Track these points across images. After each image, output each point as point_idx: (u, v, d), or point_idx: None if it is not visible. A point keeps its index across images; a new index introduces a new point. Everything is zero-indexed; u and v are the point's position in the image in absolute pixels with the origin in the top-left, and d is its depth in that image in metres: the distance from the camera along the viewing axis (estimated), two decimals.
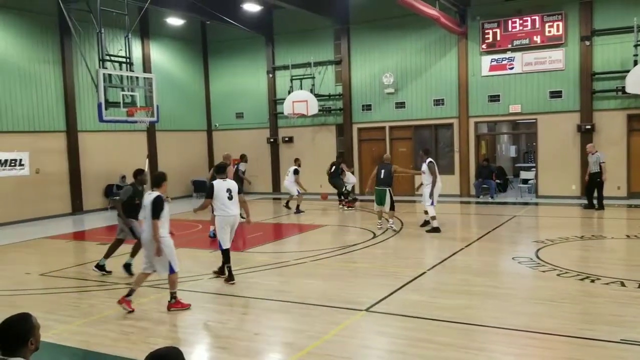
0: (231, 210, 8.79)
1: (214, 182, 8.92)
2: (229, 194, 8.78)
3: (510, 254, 10.56)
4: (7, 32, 16.84)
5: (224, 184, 8.87)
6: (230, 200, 8.77)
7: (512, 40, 18.58)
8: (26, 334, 3.14)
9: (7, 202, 16.50)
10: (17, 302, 8.38)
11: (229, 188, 8.86)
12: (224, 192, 8.76)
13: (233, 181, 9.09)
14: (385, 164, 13.77)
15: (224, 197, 8.74)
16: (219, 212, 8.77)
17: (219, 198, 8.74)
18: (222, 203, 8.74)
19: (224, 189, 8.81)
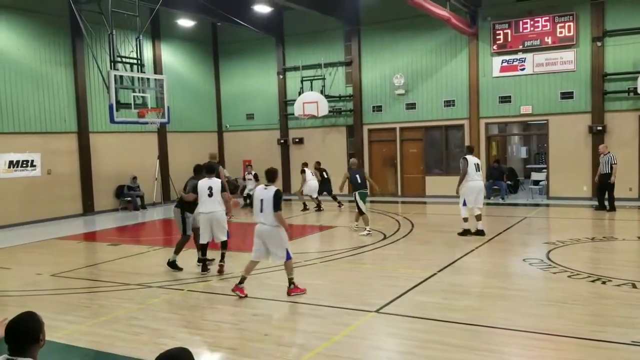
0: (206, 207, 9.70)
1: (200, 181, 9.87)
2: (209, 191, 9.69)
3: (521, 255, 10.49)
4: (20, 34, 16.99)
5: (208, 182, 9.78)
6: (210, 198, 9.67)
7: (523, 41, 18.48)
8: (36, 332, 3.16)
9: (19, 203, 16.64)
10: (28, 302, 8.43)
11: (210, 186, 9.73)
12: (205, 190, 9.69)
13: (217, 180, 9.89)
14: (356, 170, 13.76)
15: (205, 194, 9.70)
16: (201, 209, 9.76)
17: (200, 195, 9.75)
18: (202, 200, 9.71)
19: (206, 187, 9.71)
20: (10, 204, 16.42)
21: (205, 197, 9.62)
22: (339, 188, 14.40)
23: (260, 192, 8.12)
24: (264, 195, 8.04)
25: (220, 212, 9.68)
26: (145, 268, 10.68)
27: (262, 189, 8.19)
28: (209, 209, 9.61)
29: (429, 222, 15.71)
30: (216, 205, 9.66)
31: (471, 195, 12.22)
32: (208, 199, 9.62)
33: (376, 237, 12.73)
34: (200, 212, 9.70)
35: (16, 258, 12.14)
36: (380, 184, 21.45)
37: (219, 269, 9.79)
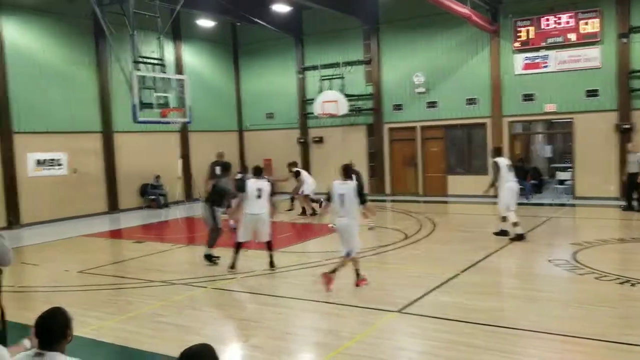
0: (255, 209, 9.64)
1: (248, 181, 9.82)
2: (258, 192, 9.63)
3: (546, 256, 10.37)
4: (45, 36, 17.26)
5: (257, 183, 9.75)
6: (258, 200, 9.63)
7: (546, 38, 18.24)
8: (64, 327, 3.23)
9: (46, 201, 16.91)
10: (56, 298, 8.58)
11: (259, 188, 9.72)
12: (254, 191, 9.66)
13: (265, 182, 9.86)
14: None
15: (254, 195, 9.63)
16: (248, 209, 9.67)
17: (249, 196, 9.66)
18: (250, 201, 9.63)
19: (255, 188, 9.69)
20: (38, 202, 16.70)
21: (254, 198, 9.61)
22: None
23: (340, 188, 8.34)
24: (344, 191, 8.28)
25: (266, 214, 9.70)
26: (169, 265, 10.80)
27: (339, 184, 8.39)
28: (256, 210, 9.60)
29: (451, 222, 15.60)
30: (263, 207, 9.67)
31: (512, 198, 11.93)
32: (256, 201, 9.61)
33: (398, 237, 12.69)
34: (248, 212, 9.64)
35: (44, 255, 12.35)
36: (401, 183, 21.47)
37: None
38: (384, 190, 21.41)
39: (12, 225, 15.89)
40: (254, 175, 9.97)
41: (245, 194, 9.68)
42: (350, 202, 8.24)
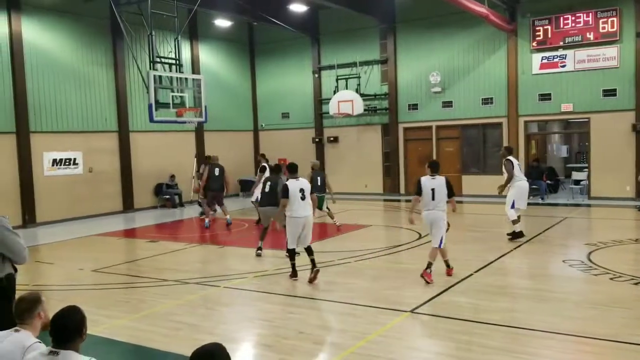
0: (301, 211, 8.86)
1: (288, 182, 8.95)
2: (301, 194, 8.87)
3: (560, 256, 10.27)
4: (64, 36, 17.45)
5: (297, 184, 8.95)
6: (302, 201, 8.88)
7: (564, 37, 18.06)
8: (79, 326, 3.26)
9: (62, 200, 17.10)
10: (70, 297, 8.66)
11: (302, 188, 8.94)
12: (297, 192, 8.85)
13: (306, 181, 9.20)
14: (318, 172, 13.81)
15: (297, 197, 8.83)
16: (292, 213, 8.84)
17: (292, 198, 8.81)
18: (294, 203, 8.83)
19: (298, 189, 8.88)
20: (54, 201, 16.89)
21: (298, 200, 8.84)
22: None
23: (430, 183, 8.80)
24: (435, 185, 8.79)
25: (311, 216, 9.10)
26: (182, 264, 10.86)
27: (430, 179, 8.84)
28: (303, 212, 8.89)
29: (465, 222, 15.48)
30: (309, 209, 9.02)
31: (521, 196, 11.78)
32: (301, 202, 8.86)
33: (412, 237, 12.64)
34: (294, 216, 8.84)
35: (59, 253, 12.49)
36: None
37: (313, 276, 8.89)
38: (399, 190, 21.34)
39: (28, 224, 16.10)
40: (290, 173, 9.14)
41: (289, 196, 8.82)
42: (441, 195, 8.77)
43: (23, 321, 3.58)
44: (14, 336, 3.44)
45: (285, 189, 8.85)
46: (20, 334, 3.46)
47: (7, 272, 4.65)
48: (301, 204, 8.83)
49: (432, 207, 8.78)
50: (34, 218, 16.41)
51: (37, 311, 3.63)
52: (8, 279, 4.64)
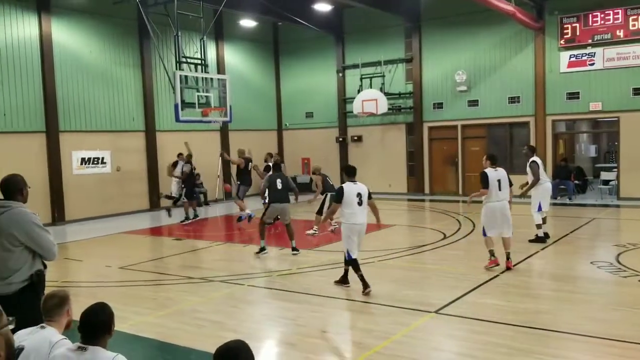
0: (359, 218, 8.20)
1: (344, 185, 8.28)
2: (359, 199, 8.17)
3: (588, 257, 10.10)
4: (92, 37, 17.74)
5: (355, 188, 8.25)
6: (360, 207, 8.18)
7: (593, 35, 17.74)
8: (107, 322, 3.33)
9: (90, 198, 17.40)
10: (97, 293, 8.81)
11: (359, 193, 8.22)
12: (354, 197, 8.15)
13: (364, 185, 8.44)
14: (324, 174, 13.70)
15: (354, 202, 8.14)
16: (347, 219, 8.18)
17: (348, 203, 8.13)
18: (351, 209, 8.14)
19: (355, 193, 8.19)
20: (83, 199, 17.20)
21: (355, 205, 8.13)
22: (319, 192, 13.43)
23: (495, 174, 9.27)
24: (500, 176, 9.27)
25: (366, 223, 8.37)
26: (207, 262, 10.97)
27: (493, 171, 9.31)
28: (359, 219, 8.18)
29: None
30: (365, 215, 8.31)
31: (546, 198, 11.57)
32: (359, 208, 8.17)
33: (436, 237, 12.56)
34: (349, 222, 8.14)
35: (87, 251, 12.71)
36: (440, 182, 21.24)
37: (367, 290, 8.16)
38: (423, 189, 21.21)
39: (57, 222, 16.42)
40: (347, 176, 8.40)
41: (342, 201, 8.15)
42: (506, 186, 9.24)
43: (51, 318, 3.61)
44: (41, 333, 3.48)
45: (340, 193, 8.15)
46: (47, 331, 3.50)
47: (37, 269, 4.74)
48: (358, 210, 8.12)
49: (501, 197, 9.17)
50: (63, 216, 16.73)
51: (66, 308, 3.67)
52: (38, 275, 4.74)
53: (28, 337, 3.44)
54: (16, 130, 15.80)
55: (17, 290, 4.56)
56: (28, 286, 4.65)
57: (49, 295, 3.73)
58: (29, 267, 4.68)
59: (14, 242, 4.61)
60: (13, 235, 4.59)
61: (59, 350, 3.31)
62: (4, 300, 4.22)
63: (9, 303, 4.00)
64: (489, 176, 9.22)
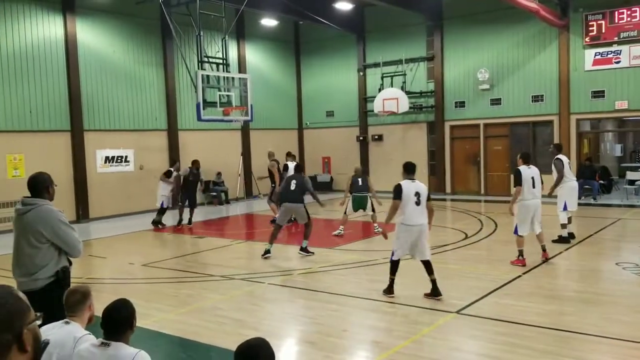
0: (415, 219, 7.74)
1: (402, 182, 7.82)
2: (417, 198, 7.73)
3: (613, 259, 9.94)
4: (115, 37, 17.97)
5: (413, 186, 7.81)
6: (418, 207, 7.74)
7: (619, 32, 17.45)
8: (129, 319, 3.37)
9: (113, 196, 17.63)
10: (121, 290, 8.93)
11: (417, 192, 7.78)
12: (411, 196, 7.70)
13: (423, 184, 8.02)
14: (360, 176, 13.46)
15: (411, 201, 7.69)
16: (403, 218, 7.75)
17: (405, 202, 7.69)
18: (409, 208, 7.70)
19: (413, 192, 7.74)
20: (106, 197, 17.44)
21: (412, 205, 7.67)
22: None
23: (529, 172, 9.47)
24: (533, 174, 9.49)
25: (427, 224, 7.91)
26: (228, 260, 11.03)
27: (527, 169, 9.49)
28: (417, 219, 7.71)
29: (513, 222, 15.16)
30: (424, 216, 7.82)
31: (572, 197, 11.41)
32: (416, 208, 7.70)
33: (457, 237, 12.47)
34: (405, 223, 7.75)
35: (111, 248, 12.88)
36: (462, 182, 21.09)
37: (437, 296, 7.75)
38: (444, 189, 21.08)
39: (81, 219, 16.67)
40: (406, 173, 7.96)
41: (401, 198, 7.69)
42: (539, 183, 9.47)
43: (74, 313, 3.66)
44: (65, 328, 3.54)
45: (399, 190, 7.72)
46: (71, 326, 3.56)
47: (62, 265, 4.83)
48: (415, 210, 7.67)
49: (535, 195, 9.40)
50: (87, 213, 16.98)
51: (88, 303, 3.72)
52: (64, 272, 4.82)
53: (52, 331, 3.49)
54: (42, 129, 16.08)
55: (43, 287, 4.64)
56: (54, 282, 4.74)
57: (71, 291, 3.78)
58: (55, 264, 4.77)
59: (41, 239, 4.69)
60: (39, 232, 4.68)
61: (83, 346, 3.37)
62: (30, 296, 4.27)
63: (35, 299, 4.06)
64: (523, 174, 9.34)
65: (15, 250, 4.83)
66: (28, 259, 4.72)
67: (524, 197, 9.37)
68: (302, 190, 11.14)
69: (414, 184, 7.81)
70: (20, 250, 4.76)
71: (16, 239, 4.83)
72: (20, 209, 4.77)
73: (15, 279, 4.80)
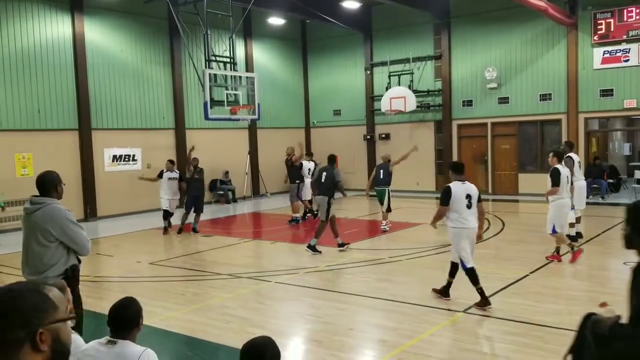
0: (469, 222, 7.34)
1: (451, 185, 7.43)
2: (468, 200, 7.32)
3: (621, 258, 9.85)
4: (123, 36, 18.03)
5: (463, 188, 7.37)
6: (469, 210, 7.34)
7: (628, 31, 17.32)
8: (136, 317, 3.38)
9: (121, 195, 17.69)
10: (128, 288, 8.96)
11: (468, 194, 7.35)
12: (462, 198, 7.32)
13: (473, 185, 7.60)
14: (382, 164, 13.58)
15: (462, 204, 7.29)
16: (454, 223, 7.35)
17: (456, 205, 7.28)
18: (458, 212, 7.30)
19: (464, 194, 7.33)
20: (114, 195, 17.50)
21: (464, 208, 7.25)
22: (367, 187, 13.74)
23: (565, 171, 9.67)
24: (568, 173, 9.78)
25: (477, 229, 7.48)
26: (235, 259, 11.05)
27: (562, 168, 9.65)
28: (468, 223, 7.30)
29: (521, 221, 15.13)
30: (475, 219, 7.41)
31: (580, 196, 11.35)
32: (467, 212, 7.28)
33: None
34: (457, 227, 7.31)
35: (119, 246, 12.93)
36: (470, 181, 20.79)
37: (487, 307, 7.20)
38: None
39: (89, 218, 16.74)
40: (455, 174, 7.55)
41: (449, 203, 7.32)
42: (567, 183, 9.68)
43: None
44: None
45: (447, 194, 7.28)
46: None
47: (71, 263, 4.85)
48: (467, 213, 7.28)
49: (565, 195, 9.64)
50: (95, 212, 17.06)
51: (67, 297, 3.60)
52: (73, 270, 4.85)
53: None
54: (50, 128, 16.16)
55: None
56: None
57: None
58: (64, 262, 4.79)
59: (49, 238, 4.72)
60: (48, 230, 4.70)
61: (89, 344, 3.37)
62: None
63: None
64: (561, 173, 9.48)
65: (25, 248, 4.86)
66: (37, 258, 4.75)
67: (561, 195, 9.55)
68: (331, 182, 11.18)
69: (464, 186, 7.37)
70: (29, 248, 4.79)
71: (25, 237, 4.85)
72: (29, 208, 4.79)
73: (24, 277, 4.83)
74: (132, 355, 3.23)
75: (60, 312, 1.62)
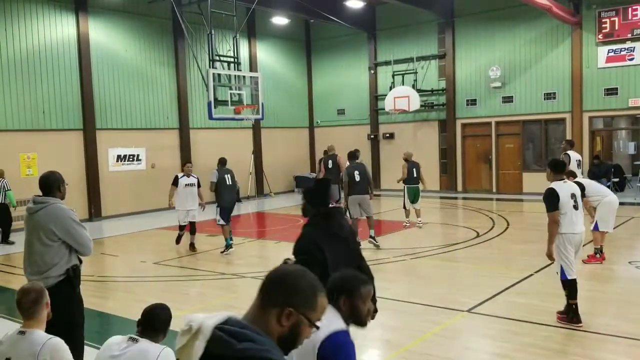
0: (578, 225, 6.49)
1: (554, 185, 6.51)
2: (574, 201, 6.47)
3: (626, 257, 9.84)
4: (127, 36, 18.07)
5: (566, 187, 6.52)
6: (577, 211, 6.48)
7: (633, 29, 17.24)
8: (169, 321, 3.49)
9: (126, 195, 17.73)
10: (133, 288, 8.98)
11: (573, 193, 6.51)
12: (568, 199, 6.43)
13: (575, 184, 6.81)
14: (414, 162, 13.63)
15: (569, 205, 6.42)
16: (562, 228, 6.41)
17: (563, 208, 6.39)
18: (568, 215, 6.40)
19: (568, 194, 6.47)
20: (118, 195, 17.53)
21: (571, 209, 6.39)
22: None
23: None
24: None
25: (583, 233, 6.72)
26: (240, 259, 11.06)
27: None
28: (578, 227, 6.46)
29: (525, 221, 15.08)
30: (582, 222, 6.61)
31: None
32: (575, 213, 6.44)
33: (469, 235, 12.41)
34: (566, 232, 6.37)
35: (123, 246, 12.96)
36: (473, 180, 20.98)
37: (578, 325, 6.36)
38: (456, 187, 20.99)
39: (94, 217, 16.78)
40: (554, 173, 6.65)
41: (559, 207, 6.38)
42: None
43: (32, 316, 3.44)
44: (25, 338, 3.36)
45: (554, 197, 6.38)
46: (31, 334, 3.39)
47: (73, 264, 4.85)
48: (575, 215, 6.42)
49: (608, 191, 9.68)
50: (99, 212, 17.09)
51: (45, 302, 3.51)
52: (74, 270, 4.85)
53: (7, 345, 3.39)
54: (55, 128, 16.20)
55: (54, 285, 4.66)
56: (64, 280, 4.77)
57: (24, 291, 3.50)
58: (65, 262, 4.79)
59: (52, 237, 4.72)
60: (51, 230, 4.71)
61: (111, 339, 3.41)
62: None
63: None
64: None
65: (27, 248, 4.86)
66: (39, 257, 4.75)
67: (603, 194, 9.52)
68: (366, 179, 11.25)
69: (567, 185, 6.53)
70: (32, 248, 4.79)
71: (27, 237, 4.86)
72: (32, 208, 4.80)
73: (26, 277, 4.84)
74: (153, 352, 3.32)
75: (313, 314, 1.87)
